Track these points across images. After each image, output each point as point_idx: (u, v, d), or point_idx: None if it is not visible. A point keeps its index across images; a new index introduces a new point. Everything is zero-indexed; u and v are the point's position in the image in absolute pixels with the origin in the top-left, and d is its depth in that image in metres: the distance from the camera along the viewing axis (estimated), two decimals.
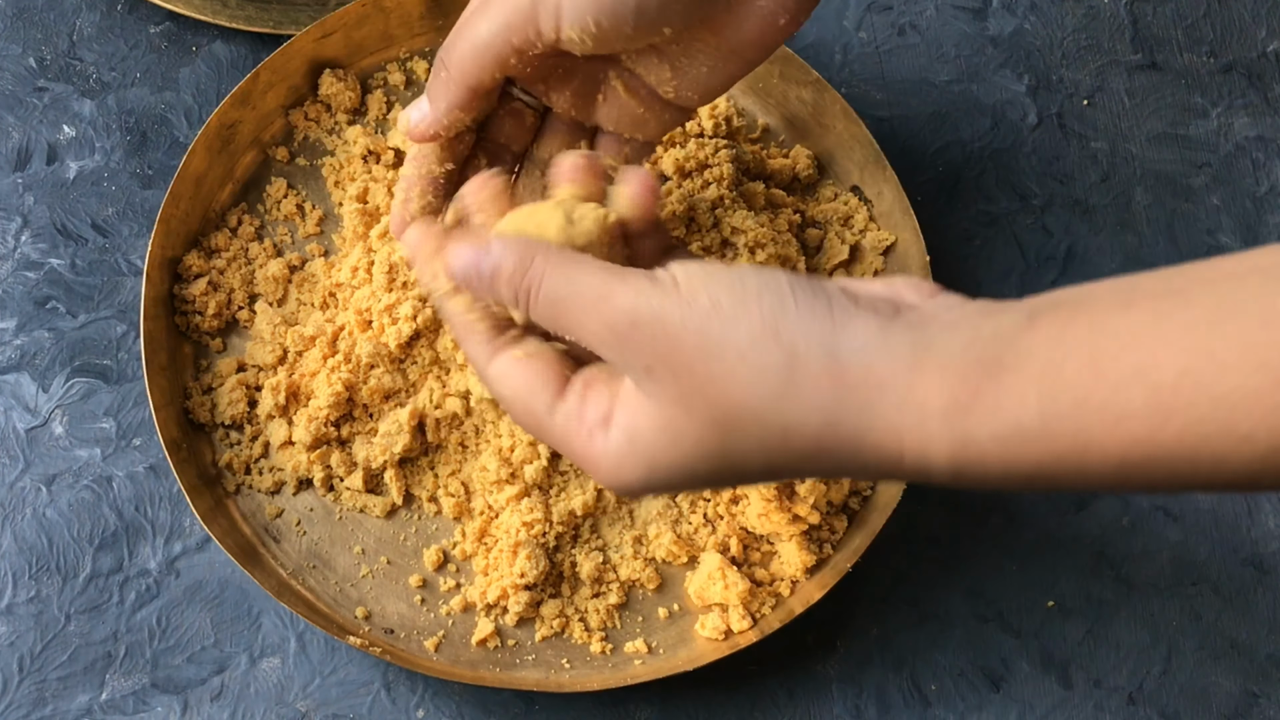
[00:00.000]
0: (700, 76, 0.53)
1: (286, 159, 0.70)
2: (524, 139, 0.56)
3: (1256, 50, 0.76)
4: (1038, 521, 0.67)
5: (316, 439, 0.63)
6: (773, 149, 0.71)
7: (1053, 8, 0.77)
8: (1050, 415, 0.38)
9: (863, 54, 0.75)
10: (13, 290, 0.68)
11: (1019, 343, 0.39)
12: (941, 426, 0.39)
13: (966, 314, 0.41)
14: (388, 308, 0.63)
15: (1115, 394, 0.38)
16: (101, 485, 0.65)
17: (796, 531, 0.62)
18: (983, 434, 0.39)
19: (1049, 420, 0.38)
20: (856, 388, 0.40)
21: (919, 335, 0.40)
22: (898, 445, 0.40)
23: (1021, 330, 0.40)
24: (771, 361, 0.41)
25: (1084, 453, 0.38)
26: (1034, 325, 0.40)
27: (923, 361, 0.40)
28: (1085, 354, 0.38)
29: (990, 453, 0.39)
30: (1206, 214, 0.73)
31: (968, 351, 0.40)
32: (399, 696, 0.63)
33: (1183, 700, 0.64)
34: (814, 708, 0.64)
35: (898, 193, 0.67)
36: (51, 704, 0.62)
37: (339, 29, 0.69)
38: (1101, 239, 0.72)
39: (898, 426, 0.40)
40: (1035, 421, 0.38)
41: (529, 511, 0.62)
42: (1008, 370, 0.39)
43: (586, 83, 0.54)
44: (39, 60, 0.73)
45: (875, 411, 0.40)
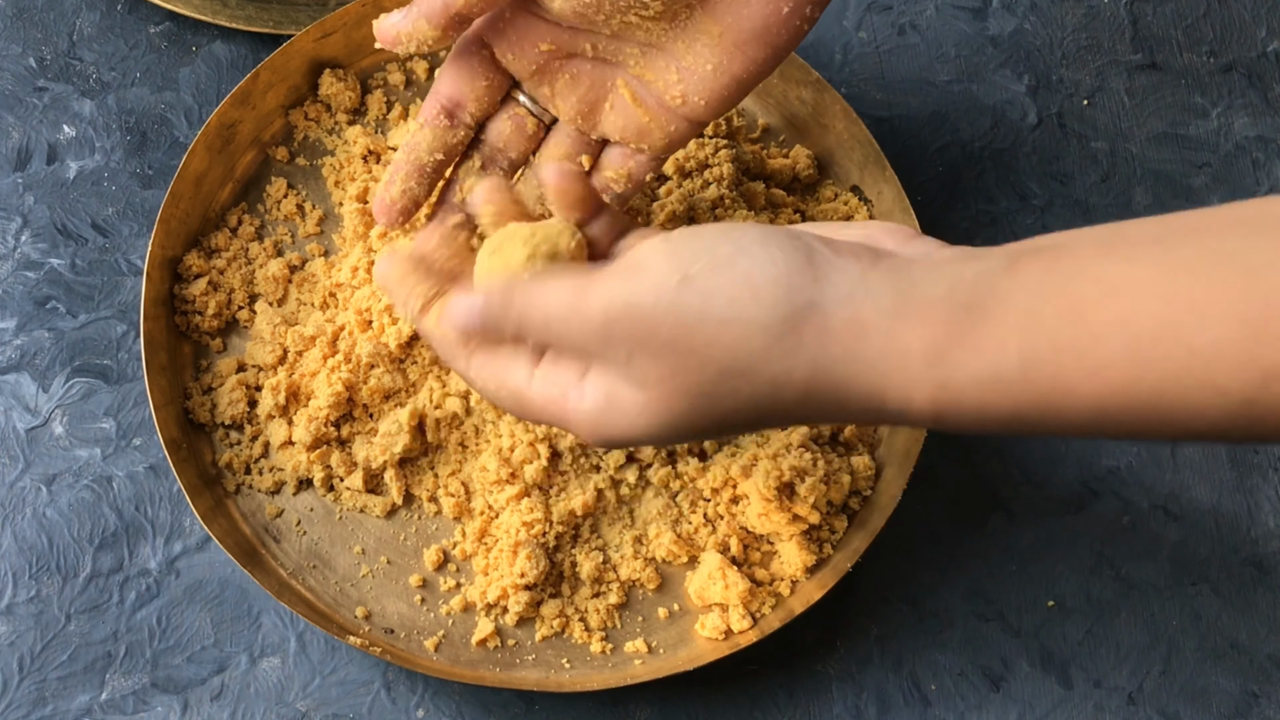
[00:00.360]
0: (706, 76, 0.53)
1: (286, 159, 0.70)
2: (522, 146, 0.56)
3: (1256, 50, 0.76)
4: (1038, 521, 0.67)
5: (316, 439, 0.63)
6: (773, 149, 0.71)
7: (1053, 8, 0.77)
8: (1030, 361, 0.39)
9: (863, 54, 0.75)
10: (13, 290, 0.68)
11: (1000, 287, 0.39)
12: (923, 370, 0.40)
13: (947, 258, 0.42)
14: (388, 308, 0.63)
15: (1095, 342, 0.38)
16: (101, 485, 0.65)
17: (796, 531, 0.62)
18: (963, 377, 0.39)
19: (1028, 366, 0.39)
20: (840, 336, 0.40)
21: (900, 280, 0.41)
22: (881, 389, 0.41)
23: (1003, 274, 0.40)
24: (754, 320, 0.41)
25: (1062, 398, 0.39)
26: (1015, 269, 0.40)
27: (904, 307, 0.40)
28: (1066, 300, 0.38)
29: (970, 396, 0.40)
30: None
31: (949, 296, 0.40)
32: (399, 696, 0.63)
33: (1183, 700, 0.64)
34: (814, 708, 0.64)
35: (898, 193, 0.67)
36: (51, 704, 0.62)
37: (339, 29, 0.69)
38: None
39: (881, 371, 0.40)
40: (1015, 367, 0.39)
41: (529, 511, 0.62)
42: (988, 315, 0.39)
43: (593, 90, 0.54)
44: (39, 60, 0.73)
45: (859, 357, 0.40)
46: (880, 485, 0.64)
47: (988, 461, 0.67)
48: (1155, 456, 0.68)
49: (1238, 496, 0.68)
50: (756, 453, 0.63)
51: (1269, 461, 0.68)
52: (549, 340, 0.45)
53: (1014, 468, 0.67)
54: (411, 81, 0.71)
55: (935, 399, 0.40)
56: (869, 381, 0.41)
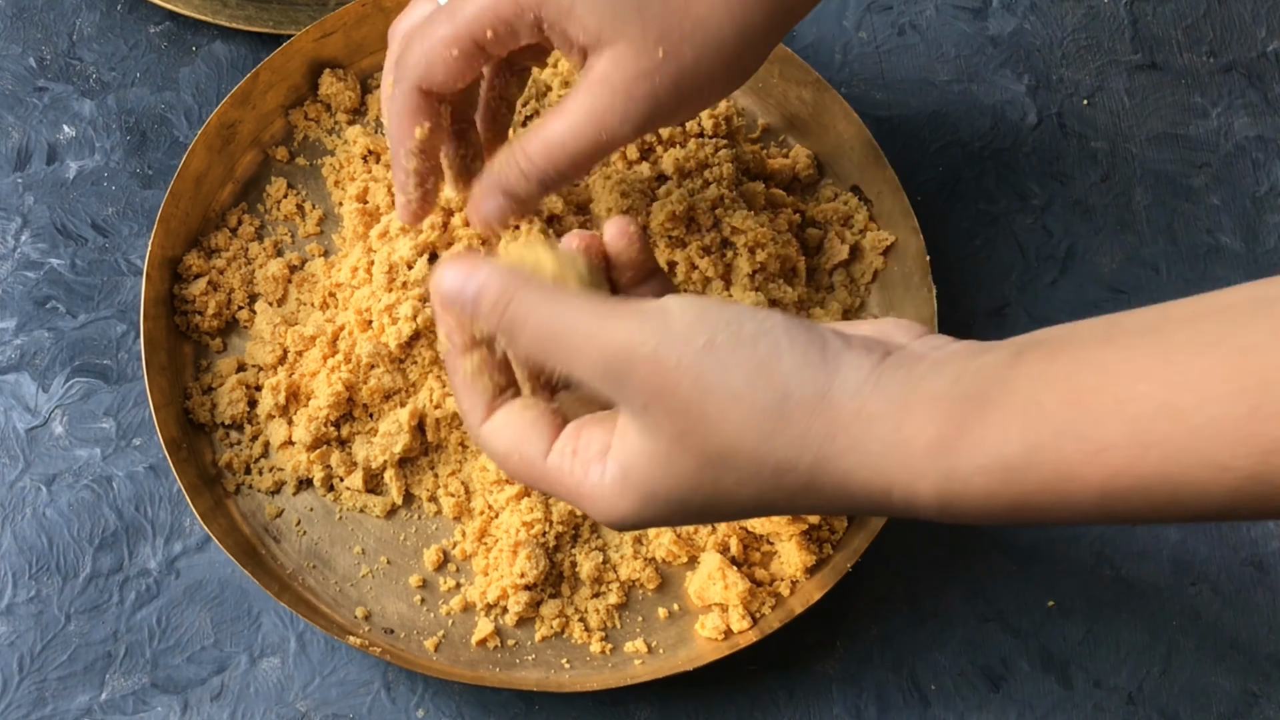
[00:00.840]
0: None
1: (286, 159, 0.70)
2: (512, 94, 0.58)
3: (1256, 50, 0.76)
4: None
5: (316, 439, 0.63)
6: (773, 149, 0.71)
7: (1053, 8, 0.77)
8: (1033, 447, 0.39)
9: (863, 54, 0.75)
10: (13, 290, 0.68)
11: (1003, 378, 0.40)
12: (927, 462, 0.40)
13: (954, 352, 0.42)
14: (388, 308, 0.63)
15: (1096, 426, 0.39)
16: (101, 485, 0.65)
17: (796, 531, 0.62)
18: (968, 467, 0.40)
19: (1031, 452, 0.39)
20: (847, 427, 0.41)
21: (907, 374, 0.41)
22: (886, 482, 0.41)
23: (1006, 366, 0.41)
24: (765, 402, 0.41)
25: (1066, 483, 0.39)
26: (1018, 360, 0.41)
27: (910, 400, 0.41)
28: (1066, 387, 0.39)
29: (976, 486, 0.40)
30: (1206, 214, 0.73)
31: (954, 387, 0.41)
32: (399, 696, 0.63)
33: (1183, 700, 0.64)
34: (814, 708, 0.64)
35: (898, 193, 0.67)
36: (51, 704, 0.62)
37: (339, 29, 0.69)
38: (1101, 239, 0.72)
39: (886, 463, 0.41)
40: (1018, 454, 0.39)
41: (529, 511, 0.62)
42: (992, 404, 0.40)
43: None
44: (39, 60, 0.73)
45: (864, 449, 0.41)
46: None
47: None
48: None
49: None
50: None
51: None
52: (546, 358, 0.44)
53: None
54: None
55: (941, 490, 0.41)
56: (874, 473, 0.41)
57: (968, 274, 0.71)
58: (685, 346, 0.42)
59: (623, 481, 0.44)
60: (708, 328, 0.42)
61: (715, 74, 0.52)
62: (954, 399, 0.40)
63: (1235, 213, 0.73)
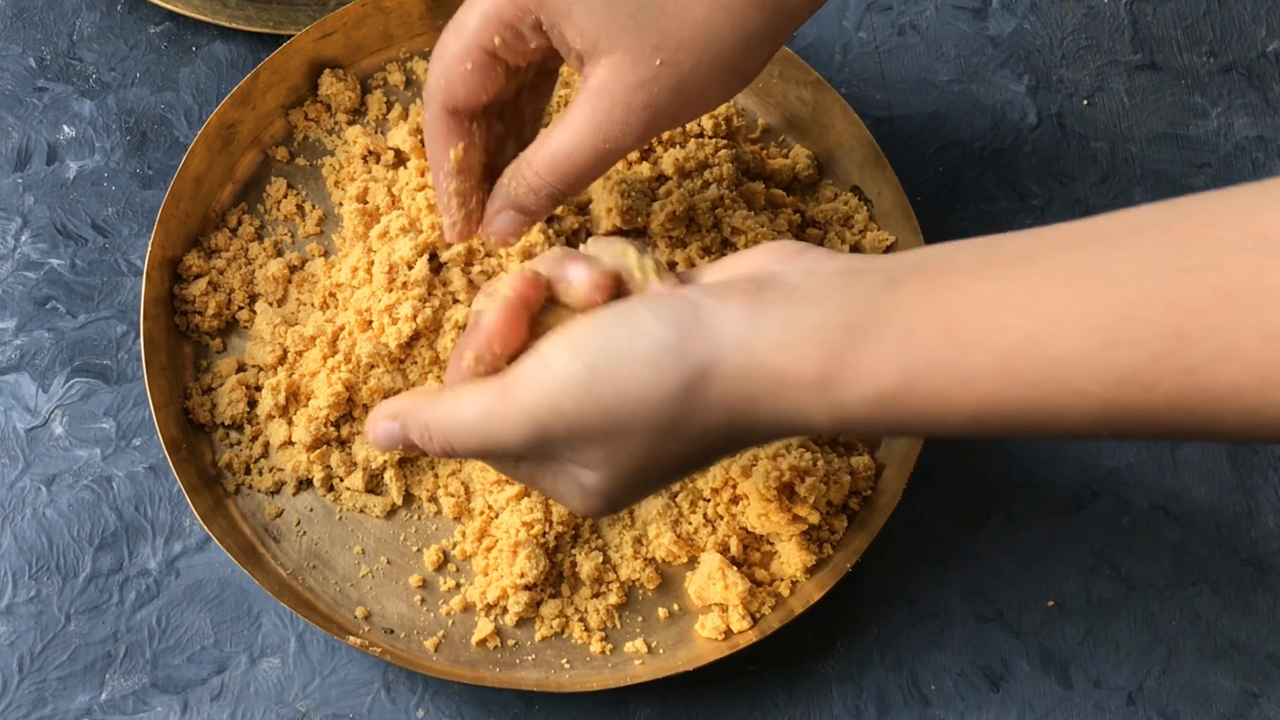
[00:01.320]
0: None
1: (286, 159, 0.70)
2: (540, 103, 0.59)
3: (1256, 50, 0.76)
4: (1038, 521, 0.67)
5: (316, 439, 0.63)
6: (773, 149, 0.71)
7: (1053, 8, 0.77)
8: (908, 376, 0.42)
9: (863, 54, 0.75)
10: (13, 290, 0.68)
11: (880, 305, 0.43)
12: (815, 395, 0.43)
13: (828, 277, 0.45)
14: (388, 308, 0.63)
15: (964, 356, 0.41)
16: (101, 485, 0.65)
17: (796, 531, 0.62)
18: (850, 398, 0.43)
19: (907, 381, 0.42)
20: (741, 381, 0.44)
21: (784, 312, 0.44)
22: (787, 415, 0.44)
23: (882, 292, 0.43)
24: (664, 393, 0.44)
25: (940, 409, 0.42)
26: (894, 287, 0.43)
27: (789, 339, 0.43)
28: (939, 317, 0.41)
29: (859, 413, 0.43)
30: None
31: (830, 319, 0.43)
32: (399, 696, 0.63)
33: (1183, 700, 0.64)
34: (814, 708, 0.64)
35: (898, 193, 0.67)
36: (51, 704, 0.62)
37: (339, 29, 0.69)
38: None
39: (781, 401, 0.44)
40: (895, 382, 0.42)
41: (529, 511, 0.62)
42: (868, 335, 0.42)
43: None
44: (39, 60, 0.73)
45: (761, 394, 0.44)
46: (880, 485, 0.64)
47: (988, 461, 0.67)
48: (1155, 456, 0.68)
49: (1238, 496, 0.68)
50: (756, 453, 0.63)
51: (1269, 461, 0.68)
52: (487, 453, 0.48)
53: (1014, 468, 0.67)
54: (411, 81, 0.71)
55: (832, 418, 0.43)
56: (776, 411, 0.44)
57: None
58: (577, 388, 0.45)
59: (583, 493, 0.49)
60: (586, 358, 0.45)
61: (714, 80, 0.52)
62: (831, 330, 0.43)
63: None
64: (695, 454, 0.47)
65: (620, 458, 0.46)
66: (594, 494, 0.48)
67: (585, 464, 0.47)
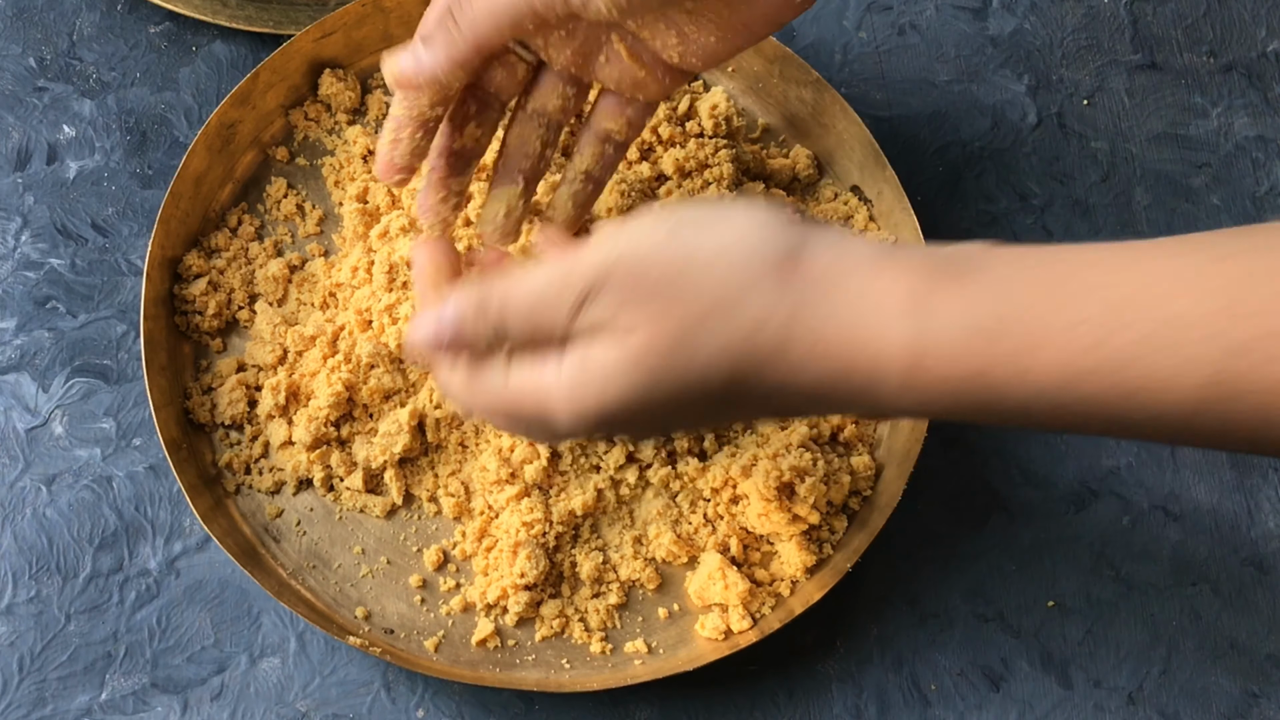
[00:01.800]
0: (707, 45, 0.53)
1: (286, 159, 0.70)
2: (513, 89, 0.55)
3: (1256, 50, 0.76)
4: (1038, 521, 0.67)
5: (316, 439, 0.63)
6: (773, 149, 0.71)
7: (1053, 8, 0.77)
8: (1004, 315, 0.39)
9: (863, 54, 0.75)
10: (13, 290, 0.68)
11: (977, 258, 0.41)
12: (898, 318, 0.40)
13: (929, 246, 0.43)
14: (388, 308, 0.63)
15: (1068, 302, 0.39)
16: (101, 485, 0.65)
17: (796, 531, 0.62)
18: (937, 327, 0.40)
19: (1003, 319, 0.39)
20: (822, 279, 0.41)
21: (880, 247, 0.42)
22: (858, 337, 0.40)
23: (982, 251, 0.41)
24: (740, 258, 0.41)
25: (1031, 356, 0.39)
26: (993, 249, 0.41)
27: (884, 260, 0.41)
28: (1043, 271, 0.40)
29: (944, 346, 0.40)
30: (1206, 214, 0.73)
31: (928, 259, 0.41)
32: (399, 696, 0.63)
33: (1183, 700, 0.64)
34: (814, 708, 0.64)
35: (898, 193, 0.67)
36: (51, 704, 0.62)
37: (339, 29, 0.69)
38: (1101, 239, 0.72)
39: (858, 314, 0.40)
40: (990, 316, 0.39)
41: (529, 511, 0.62)
42: (966, 275, 0.40)
43: (588, 43, 0.53)
44: (39, 60, 0.73)
45: (838, 300, 0.40)
46: (880, 485, 0.64)
47: (988, 461, 0.67)
48: (1155, 456, 0.68)
49: (1238, 496, 0.68)
50: (756, 453, 0.63)
51: (1269, 461, 0.68)
52: (537, 324, 0.44)
53: (1014, 468, 0.67)
54: None
55: (910, 346, 0.40)
56: (845, 329, 0.40)
57: None
58: (652, 237, 0.42)
59: (581, 372, 0.43)
60: (670, 220, 0.43)
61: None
62: (929, 266, 0.40)
63: (1235, 213, 0.73)
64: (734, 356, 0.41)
65: (661, 324, 0.41)
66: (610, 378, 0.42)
67: (621, 329, 0.42)
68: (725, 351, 0.42)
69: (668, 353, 0.42)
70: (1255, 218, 0.73)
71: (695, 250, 0.41)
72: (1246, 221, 0.72)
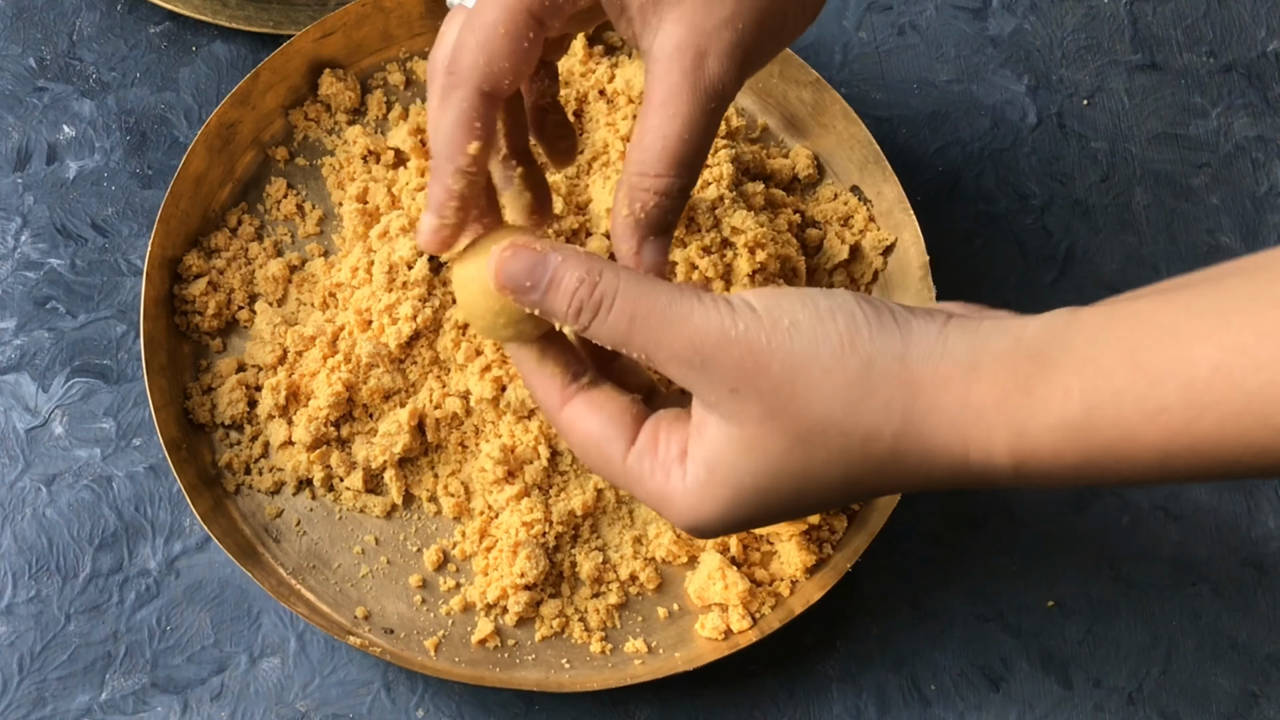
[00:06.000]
0: None
1: (286, 159, 0.70)
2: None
3: (1256, 50, 0.76)
4: (1038, 521, 0.67)
5: (316, 439, 0.63)
6: (772, 149, 0.71)
7: (1053, 8, 0.77)
8: (1094, 407, 0.40)
9: (863, 54, 0.75)
10: (13, 290, 0.68)
11: (1062, 335, 0.41)
12: (999, 422, 0.41)
13: (1014, 317, 0.43)
14: (388, 308, 0.63)
15: (1152, 387, 0.39)
16: (101, 485, 0.65)
17: (796, 531, 0.62)
18: (1035, 427, 0.41)
19: (1093, 412, 0.40)
20: (925, 391, 0.42)
21: (972, 336, 0.42)
22: (964, 442, 0.42)
23: (1065, 324, 0.41)
24: (852, 373, 0.42)
25: (1128, 444, 0.40)
26: (1077, 318, 0.41)
27: (978, 361, 0.41)
28: (1124, 348, 0.40)
29: (1044, 445, 0.41)
30: (1206, 214, 0.73)
31: (1017, 347, 0.41)
32: (399, 696, 0.63)
33: (1183, 700, 0.64)
34: (814, 708, 0.64)
35: (898, 193, 0.67)
36: (51, 704, 0.62)
37: (339, 29, 0.69)
38: (1101, 239, 0.72)
39: (962, 424, 0.42)
40: (1080, 414, 0.40)
41: (529, 511, 0.62)
42: (1052, 364, 0.40)
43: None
44: (39, 60, 0.73)
45: (943, 411, 0.42)
46: None
47: None
48: None
49: (1238, 496, 0.68)
50: None
51: None
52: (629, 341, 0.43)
53: None
54: (411, 81, 0.71)
55: (1013, 449, 0.41)
56: (953, 434, 0.42)
57: (968, 274, 0.71)
58: (774, 327, 0.42)
59: (708, 478, 0.44)
60: (789, 309, 0.43)
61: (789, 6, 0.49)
62: (1017, 359, 0.41)
63: (1235, 213, 0.73)
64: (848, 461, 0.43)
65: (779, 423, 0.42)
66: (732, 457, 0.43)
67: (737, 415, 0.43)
68: (838, 463, 0.43)
69: (786, 453, 0.43)
70: (1255, 218, 0.73)
71: (812, 354, 0.42)
72: (1246, 221, 0.72)
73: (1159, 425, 0.39)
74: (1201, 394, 0.38)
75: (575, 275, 0.44)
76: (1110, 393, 0.40)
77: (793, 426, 0.43)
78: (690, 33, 0.47)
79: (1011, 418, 0.41)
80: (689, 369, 0.43)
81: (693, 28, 0.47)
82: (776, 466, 0.43)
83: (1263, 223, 0.73)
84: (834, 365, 0.42)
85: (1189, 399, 0.39)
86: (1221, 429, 0.38)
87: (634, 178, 0.48)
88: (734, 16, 0.47)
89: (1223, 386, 0.38)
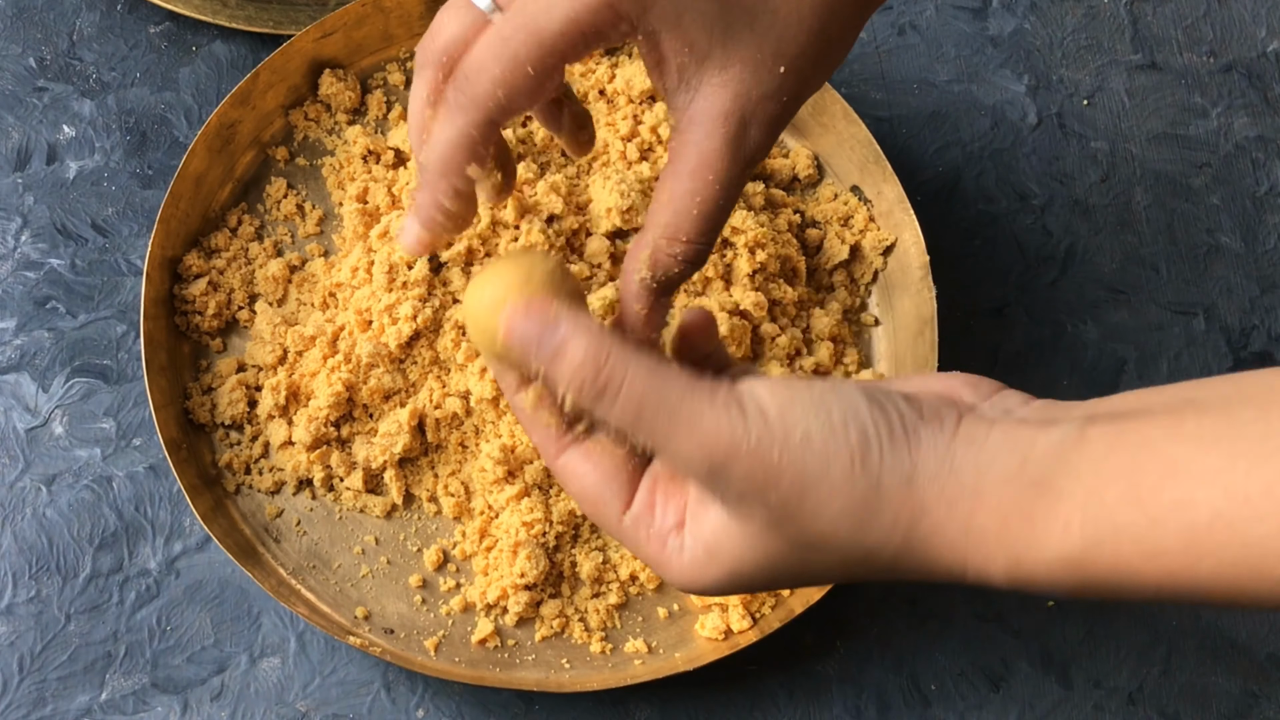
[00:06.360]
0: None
1: (286, 159, 0.70)
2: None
3: (1256, 50, 0.76)
4: None
5: (316, 439, 0.63)
6: (773, 149, 0.71)
7: (1053, 8, 0.77)
8: (1092, 542, 0.40)
9: (863, 54, 0.75)
10: (13, 290, 0.68)
11: (1069, 461, 0.41)
12: (998, 548, 0.42)
13: (1022, 421, 0.43)
14: (388, 308, 0.63)
15: (1152, 527, 0.39)
16: (101, 485, 0.65)
17: None
18: (1033, 557, 0.41)
19: (1092, 547, 0.40)
20: (929, 512, 0.42)
21: (979, 454, 0.42)
22: (962, 562, 0.42)
23: (1072, 448, 0.41)
24: (859, 495, 0.42)
25: (1125, 579, 0.40)
26: (1085, 441, 0.41)
27: (982, 485, 0.42)
28: (1128, 483, 0.40)
29: (1040, 573, 0.41)
30: (1206, 214, 0.73)
31: (1021, 472, 0.41)
32: (399, 696, 0.63)
33: (1183, 700, 0.64)
34: (814, 708, 0.64)
35: (898, 193, 0.67)
36: (51, 704, 0.62)
37: (339, 29, 0.69)
38: (1101, 239, 0.72)
39: (963, 547, 0.42)
40: (1079, 548, 0.40)
41: (529, 511, 0.62)
42: (1055, 493, 0.41)
43: None
44: (39, 60, 0.73)
45: (944, 534, 0.42)
46: None
47: None
48: None
49: None
50: None
51: None
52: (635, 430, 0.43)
53: None
54: (411, 81, 0.71)
55: (1010, 574, 0.42)
56: (952, 553, 0.42)
57: (968, 274, 0.71)
58: (786, 441, 0.42)
59: (707, 560, 0.45)
60: (802, 418, 0.42)
61: (824, 74, 0.49)
62: (1021, 486, 0.41)
63: (1235, 213, 0.73)
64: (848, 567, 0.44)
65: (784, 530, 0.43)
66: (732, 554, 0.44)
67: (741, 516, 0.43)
68: (837, 565, 0.44)
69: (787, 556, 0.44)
70: (1255, 218, 0.73)
71: (823, 472, 0.42)
72: (1246, 221, 0.72)
73: (1156, 565, 0.39)
74: (1201, 539, 0.38)
75: (581, 351, 0.42)
76: (1110, 528, 0.40)
77: (798, 537, 0.43)
78: (735, 101, 0.46)
79: (1010, 548, 0.41)
80: (698, 473, 0.43)
81: (738, 96, 0.46)
82: (776, 563, 0.44)
83: (1262, 223, 0.73)
84: (843, 485, 0.42)
85: (1187, 543, 0.39)
86: (1218, 575, 0.39)
87: (663, 241, 0.47)
88: (780, 90, 0.46)
89: (1223, 535, 0.38)
